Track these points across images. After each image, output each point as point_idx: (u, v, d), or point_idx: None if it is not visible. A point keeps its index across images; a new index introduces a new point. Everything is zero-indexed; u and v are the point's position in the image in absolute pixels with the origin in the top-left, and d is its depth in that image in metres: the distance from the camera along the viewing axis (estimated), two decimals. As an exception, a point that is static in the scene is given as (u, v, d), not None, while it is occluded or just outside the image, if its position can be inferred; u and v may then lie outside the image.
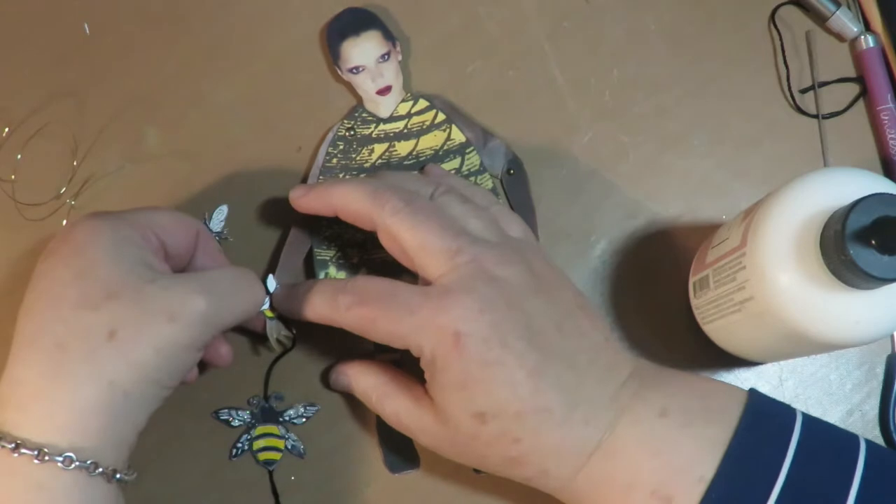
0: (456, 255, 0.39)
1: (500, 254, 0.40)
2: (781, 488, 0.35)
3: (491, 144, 0.49)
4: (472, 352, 0.37)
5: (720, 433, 0.37)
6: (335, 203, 0.42)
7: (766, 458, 0.36)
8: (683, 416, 0.38)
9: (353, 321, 0.40)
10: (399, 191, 0.41)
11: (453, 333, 0.37)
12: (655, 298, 0.48)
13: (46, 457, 0.34)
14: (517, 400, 0.37)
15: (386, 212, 0.40)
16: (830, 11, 0.51)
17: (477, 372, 0.38)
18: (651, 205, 0.49)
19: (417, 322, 0.38)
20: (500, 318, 0.38)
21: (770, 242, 0.37)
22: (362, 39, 0.50)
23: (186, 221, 0.42)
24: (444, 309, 0.38)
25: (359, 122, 0.49)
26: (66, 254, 0.37)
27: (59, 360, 0.35)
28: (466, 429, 0.38)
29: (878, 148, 0.50)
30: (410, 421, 0.41)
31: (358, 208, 0.41)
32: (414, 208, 0.40)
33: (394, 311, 0.39)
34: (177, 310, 0.37)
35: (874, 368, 0.48)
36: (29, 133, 0.48)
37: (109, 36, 0.50)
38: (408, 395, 0.41)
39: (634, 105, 0.50)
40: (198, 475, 0.46)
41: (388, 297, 0.39)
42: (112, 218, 0.39)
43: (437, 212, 0.41)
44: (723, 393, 0.39)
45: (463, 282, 0.38)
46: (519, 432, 0.38)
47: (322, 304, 0.41)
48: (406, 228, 0.40)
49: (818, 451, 0.37)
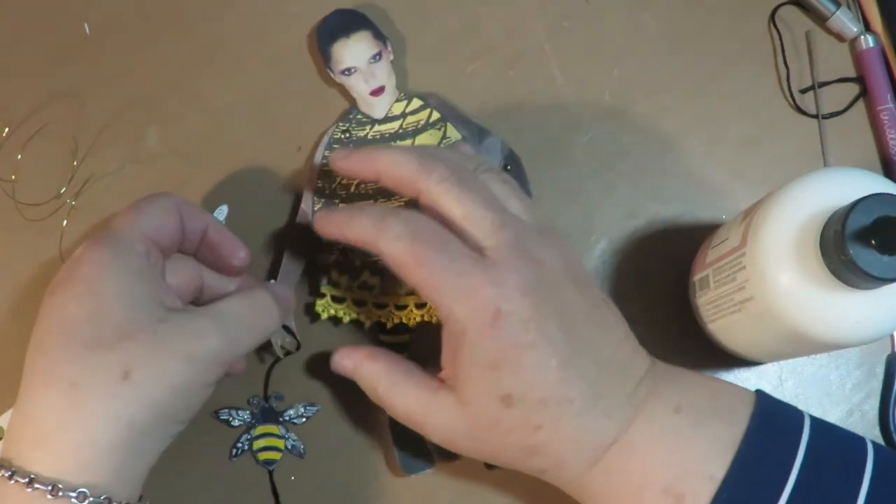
0: (501, 229, 0.38)
1: (540, 237, 0.39)
2: (792, 489, 0.35)
3: (487, 141, 0.49)
4: (509, 332, 0.37)
5: (731, 433, 0.37)
6: (379, 167, 0.41)
7: (776, 459, 0.36)
8: (696, 414, 0.38)
9: (396, 253, 0.38)
10: (446, 160, 0.40)
11: (494, 310, 0.37)
12: (655, 298, 0.48)
13: (60, 492, 0.34)
14: (544, 386, 0.37)
15: (433, 179, 0.39)
16: (830, 11, 0.51)
17: (511, 352, 0.37)
18: (651, 205, 0.49)
19: (461, 285, 0.37)
20: (541, 302, 0.37)
21: (770, 242, 0.37)
22: (353, 41, 0.49)
23: (167, 206, 0.41)
24: (491, 282, 0.37)
25: (354, 124, 0.49)
26: (76, 291, 0.37)
27: (74, 399, 0.35)
28: (488, 413, 0.38)
29: (878, 148, 0.50)
30: (424, 410, 0.39)
31: (403, 173, 0.40)
32: (460, 178, 0.39)
33: (442, 262, 0.37)
34: (192, 350, 0.37)
35: (874, 368, 0.48)
36: (29, 133, 0.48)
37: (109, 36, 0.50)
38: (421, 382, 0.40)
39: (634, 105, 0.50)
40: (198, 475, 0.46)
41: (441, 246, 0.38)
42: (112, 246, 0.38)
43: (481, 185, 0.40)
44: (731, 393, 0.39)
45: (510, 259, 0.38)
46: (540, 419, 0.37)
47: (369, 223, 0.39)
48: (452, 197, 0.39)
49: (827, 453, 0.37)
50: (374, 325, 0.47)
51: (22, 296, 0.47)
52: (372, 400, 0.42)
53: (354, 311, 0.47)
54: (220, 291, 0.44)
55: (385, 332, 0.47)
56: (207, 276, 0.43)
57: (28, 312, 0.38)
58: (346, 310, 0.47)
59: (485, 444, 0.39)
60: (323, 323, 0.47)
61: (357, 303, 0.47)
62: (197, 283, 0.43)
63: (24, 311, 0.47)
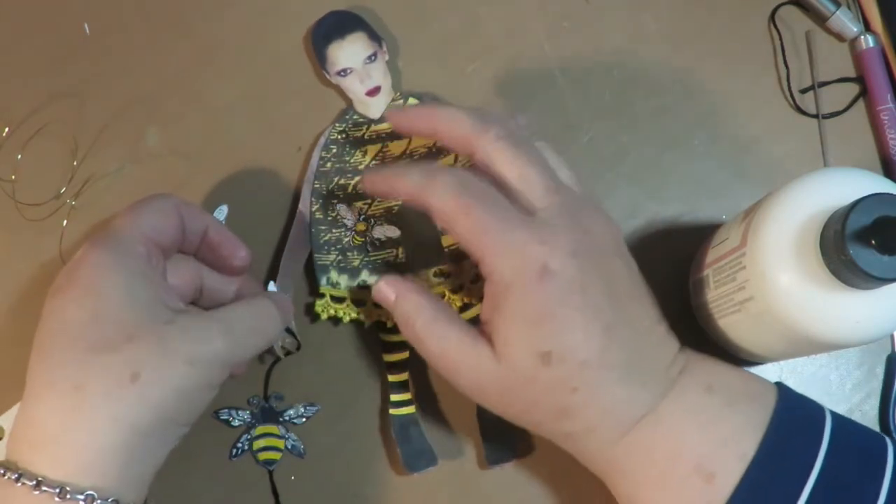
0: (555, 192, 0.39)
1: (590, 206, 0.40)
2: (818, 474, 0.36)
3: None
4: (555, 289, 0.37)
5: (760, 415, 0.37)
6: (438, 124, 0.41)
7: (802, 444, 0.37)
8: (727, 394, 0.38)
9: (444, 204, 0.38)
10: (503, 121, 0.41)
11: (542, 266, 0.37)
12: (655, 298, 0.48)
13: (68, 495, 0.34)
14: (587, 349, 0.37)
15: (490, 136, 0.40)
16: (830, 11, 0.51)
17: (556, 310, 0.37)
18: (651, 205, 0.49)
19: (509, 240, 0.37)
20: (588, 267, 0.37)
21: (770, 242, 0.37)
22: (348, 42, 0.49)
23: (167, 207, 0.41)
24: (541, 240, 0.37)
25: (350, 124, 0.49)
26: (77, 294, 0.37)
27: (79, 402, 0.35)
28: (525, 369, 0.37)
29: (878, 148, 0.50)
30: (459, 354, 0.39)
31: (460, 131, 0.40)
32: (517, 140, 0.40)
33: (490, 216, 0.38)
34: (197, 353, 0.37)
35: (874, 368, 0.48)
36: (29, 133, 0.48)
37: (109, 36, 0.50)
38: (463, 327, 0.39)
39: (634, 105, 0.50)
40: (198, 475, 0.46)
41: (492, 200, 0.38)
42: (113, 247, 0.38)
43: (536, 150, 0.41)
44: (757, 381, 0.40)
45: (562, 220, 0.38)
46: (578, 381, 0.37)
47: (418, 177, 0.40)
48: (508, 156, 0.39)
49: (849, 444, 0.37)
50: (374, 324, 0.47)
51: (22, 296, 0.47)
52: (403, 334, 0.41)
53: (354, 310, 0.47)
54: (221, 291, 0.44)
55: (385, 332, 0.47)
56: (208, 276, 0.43)
57: (28, 312, 0.38)
58: (346, 310, 0.47)
59: (516, 399, 0.39)
60: (323, 323, 0.47)
61: (357, 303, 0.47)
62: (197, 284, 0.43)
63: (24, 311, 0.47)
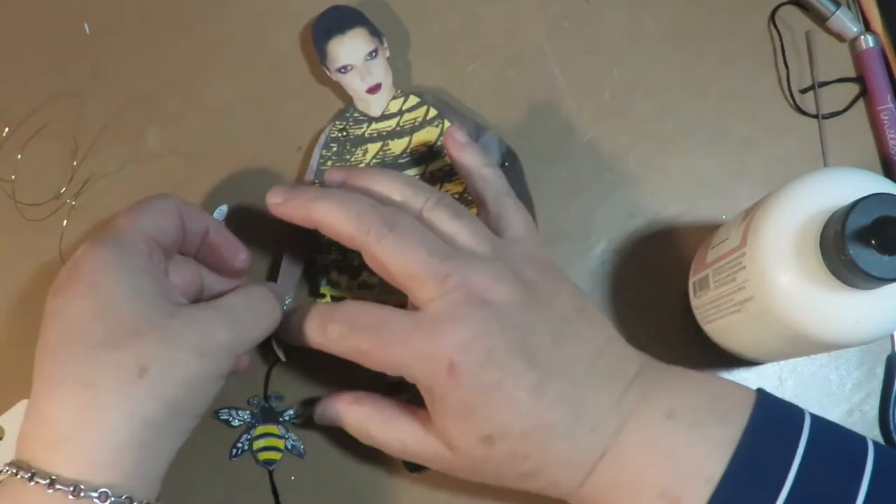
0: (445, 280, 0.38)
1: (492, 272, 0.39)
2: (790, 488, 0.35)
3: (484, 137, 0.49)
4: (469, 379, 0.37)
5: (729, 433, 0.37)
6: (316, 219, 0.41)
7: (775, 458, 0.36)
8: (692, 416, 0.38)
9: (345, 350, 0.40)
10: (383, 212, 0.40)
11: (448, 363, 0.37)
12: (655, 298, 0.48)
13: (82, 493, 0.34)
14: (521, 419, 0.37)
15: (371, 238, 0.39)
16: (830, 11, 0.51)
17: (477, 398, 0.37)
18: (651, 205, 0.49)
19: (409, 351, 0.38)
20: (494, 342, 0.37)
21: (770, 242, 0.37)
22: (348, 38, 0.49)
23: (167, 207, 0.41)
24: (437, 339, 0.38)
25: (350, 122, 0.49)
26: (79, 291, 0.37)
27: (89, 399, 0.35)
28: (475, 454, 0.38)
29: (878, 148, 0.50)
30: (417, 447, 0.40)
31: (340, 230, 0.40)
32: (398, 233, 0.39)
33: (384, 340, 0.39)
34: (203, 344, 0.37)
35: (874, 368, 0.48)
36: (29, 133, 0.48)
37: (109, 36, 0.50)
38: (413, 419, 0.40)
39: (634, 105, 0.50)
40: (198, 475, 0.46)
41: (378, 326, 0.39)
42: (114, 245, 0.38)
43: (423, 235, 0.40)
44: (731, 392, 0.39)
45: (454, 309, 0.38)
46: (527, 449, 0.38)
47: (313, 332, 0.41)
48: (391, 255, 0.39)
49: (827, 452, 0.37)
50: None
51: (22, 296, 0.47)
52: (364, 442, 0.42)
53: (354, 311, 0.47)
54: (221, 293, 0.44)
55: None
56: (208, 277, 0.43)
57: (28, 312, 0.38)
58: (346, 310, 0.47)
59: (482, 474, 0.40)
60: (323, 323, 0.47)
61: (357, 303, 0.47)
62: (198, 285, 0.43)
63: (25, 311, 0.47)
